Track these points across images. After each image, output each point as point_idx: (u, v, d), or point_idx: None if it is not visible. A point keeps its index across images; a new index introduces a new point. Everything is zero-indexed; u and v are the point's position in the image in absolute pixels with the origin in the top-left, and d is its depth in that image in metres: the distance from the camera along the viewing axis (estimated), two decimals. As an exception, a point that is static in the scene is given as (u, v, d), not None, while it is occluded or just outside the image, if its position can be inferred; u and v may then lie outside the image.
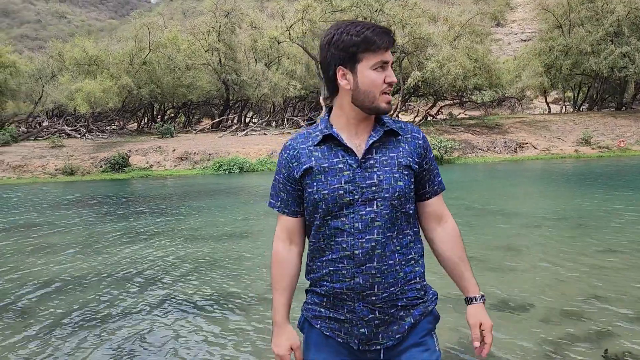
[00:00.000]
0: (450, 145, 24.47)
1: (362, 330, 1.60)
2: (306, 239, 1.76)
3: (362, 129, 1.62)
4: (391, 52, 1.62)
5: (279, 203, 1.74)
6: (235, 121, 39.16)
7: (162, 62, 32.75)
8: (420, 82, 30.20)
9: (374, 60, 1.56)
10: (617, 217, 9.54)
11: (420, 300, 1.65)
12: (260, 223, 10.36)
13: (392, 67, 1.61)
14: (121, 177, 22.66)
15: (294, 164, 1.64)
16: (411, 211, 1.63)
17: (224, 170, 22.95)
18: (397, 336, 1.61)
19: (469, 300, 1.71)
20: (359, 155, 1.58)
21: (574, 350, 4.02)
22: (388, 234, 1.57)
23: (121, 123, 37.94)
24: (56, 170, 23.44)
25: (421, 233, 1.75)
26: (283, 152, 1.69)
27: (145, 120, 41.94)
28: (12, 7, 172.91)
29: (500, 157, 26.09)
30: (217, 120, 37.14)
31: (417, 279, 1.64)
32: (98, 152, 25.56)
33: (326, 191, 1.57)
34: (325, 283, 1.64)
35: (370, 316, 1.59)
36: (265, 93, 32.68)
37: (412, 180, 1.61)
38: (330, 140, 1.61)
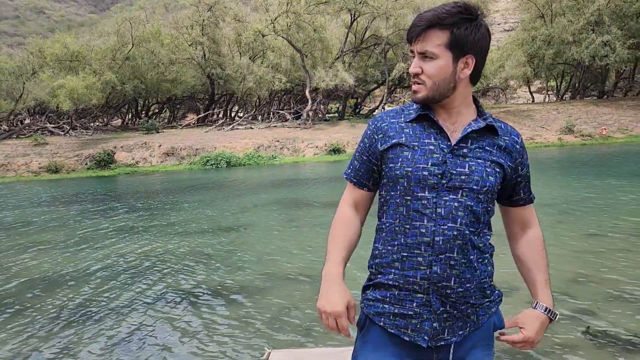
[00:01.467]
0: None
1: (434, 324, 1.51)
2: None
3: (460, 117, 1.56)
4: (410, 42, 1.54)
5: (349, 171, 1.69)
6: (220, 116, 39.00)
7: (146, 57, 32.42)
8: (405, 74, 30.34)
9: (410, 51, 1.55)
10: (598, 203, 9.77)
11: (487, 300, 1.58)
12: (248, 217, 10.41)
13: (425, 58, 1.50)
14: (107, 174, 22.50)
15: (379, 136, 1.58)
16: (492, 212, 1.59)
17: (211, 165, 22.90)
18: (459, 332, 1.54)
19: (533, 305, 1.62)
20: (453, 141, 1.51)
21: (558, 328, 4.17)
22: (471, 228, 1.50)
23: (105, 119, 37.58)
24: (40, 168, 23.20)
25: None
26: (371, 123, 1.63)
27: (130, 116, 41.56)
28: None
29: (485, 147, 26.36)
30: (203, 115, 36.95)
31: (488, 278, 1.59)
32: (82, 149, 25.33)
33: (410, 169, 1.50)
34: (393, 270, 1.54)
35: (442, 309, 1.51)
36: (251, 87, 32.56)
37: (500, 179, 1.55)
38: (425, 120, 1.55)
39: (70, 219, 11.21)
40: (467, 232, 1.49)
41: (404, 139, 1.54)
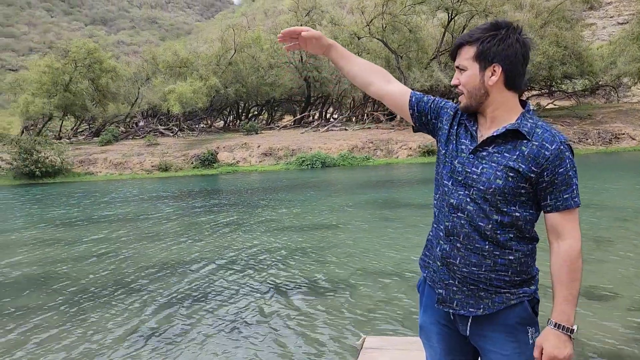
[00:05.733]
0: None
1: (439, 290, 1.78)
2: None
3: (495, 123, 1.71)
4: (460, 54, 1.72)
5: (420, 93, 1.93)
6: (316, 117, 39.96)
7: (247, 62, 34.11)
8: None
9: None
10: None
11: (505, 290, 1.68)
12: (341, 216, 10.73)
13: (460, 70, 1.72)
14: (210, 173, 24.01)
15: (444, 110, 1.85)
16: (517, 214, 1.66)
17: (307, 165, 23.63)
18: (470, 310, 1.71)
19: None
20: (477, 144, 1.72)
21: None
22: (480, 223, 1.66)
23: (209, 121, 39.94)
24: (152, 166, 25.26)
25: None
26: (455, 105, 1.87)
27: (231, 118, 43.83)
28: (109, 15, 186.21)
29: (592, 149, 24.74)
30: (299, 116, 38.08)
31: (509, 273, 1.68)
32: (189, 149, 27.18)
33: (444, 158, 1.78)
34: (431, 239, 1.85)
35: (450, 281, 1.74)
36: (346, 89, 33.08)
37: (520, 184, 1.63)
38: (465, 126, 1.78)
39: (178, 213, 12.21)
40: (474, 224, 1.68)
41: (451, 130, 1.80)
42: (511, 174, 1.63)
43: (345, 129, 30.77)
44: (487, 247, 1.68)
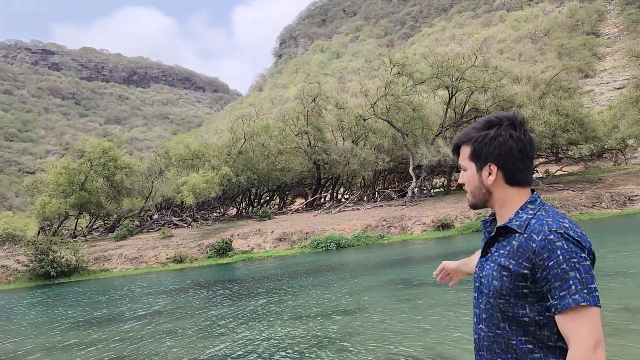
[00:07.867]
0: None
1: None
2: None
3: (502, 221, 1.64)
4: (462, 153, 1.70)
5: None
6: (327, 199, 40.26)
7: (257, 150, 35.00)
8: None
9: None
10: None
11: None
12: (362, 299, 10.51)
13: (464, 170, 1.69)
14: (225, 262, 23.86)
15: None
16: (526, 318, 1.50)
17: (322, 247, 23.47)
18: None
19: None
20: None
21: None
22: (497, 331, 1.56)
23: (222, 210, 40.32)
24: (167, 259, 25.21)
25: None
26: None
27: (243, 205, 44.26)
28: (123, 115, 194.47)
29: (608, 213, 24.45)
30: (311, 199, 38.40)
31: None
32: (203, 239, 27.24)
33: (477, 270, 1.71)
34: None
35: None
36: (355, 169, 33.61)
37: (518, 283, 1.50)
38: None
39: (195, 307, 12.02)
40: (492, 334, 1.58)
41: (482, 244, 1.72)
42: (504, 273, 1.53)
43: (358, 209, 30.86)
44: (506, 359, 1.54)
